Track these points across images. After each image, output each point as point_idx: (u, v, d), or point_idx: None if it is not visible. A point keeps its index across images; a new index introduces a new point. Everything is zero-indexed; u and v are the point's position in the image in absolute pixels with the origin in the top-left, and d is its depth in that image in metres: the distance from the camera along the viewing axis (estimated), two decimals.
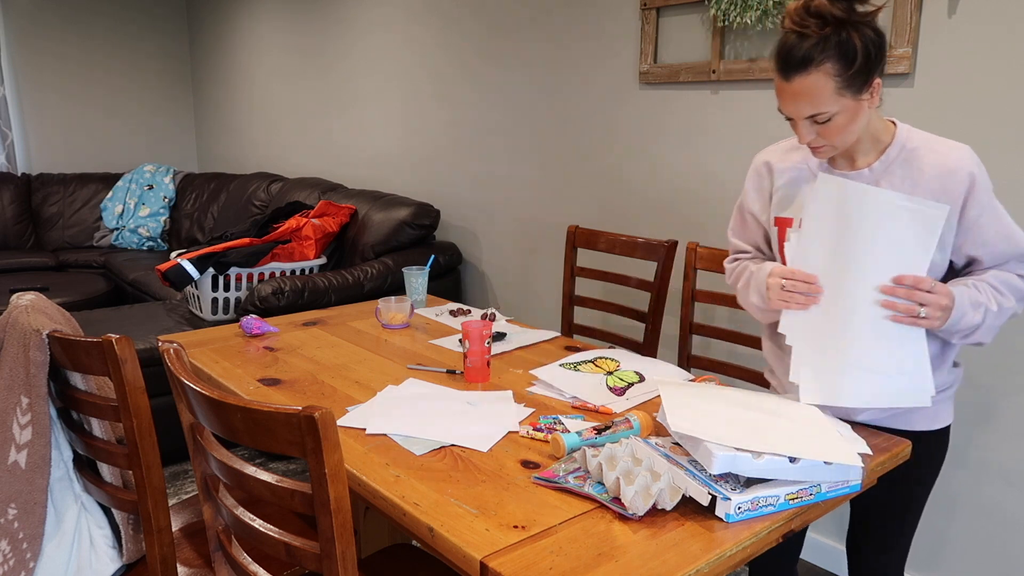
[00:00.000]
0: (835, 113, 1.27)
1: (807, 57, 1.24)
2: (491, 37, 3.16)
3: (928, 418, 1.44)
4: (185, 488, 2.79)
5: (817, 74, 1.24)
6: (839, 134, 1.30)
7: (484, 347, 1.68)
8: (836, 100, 1.26)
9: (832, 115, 1.27)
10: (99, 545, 1.49)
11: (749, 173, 1.55)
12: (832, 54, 1.23)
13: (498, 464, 1.29)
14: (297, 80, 4.45)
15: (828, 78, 1.24)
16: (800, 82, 1.25)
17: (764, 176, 1.51)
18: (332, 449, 0.98)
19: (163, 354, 1.23)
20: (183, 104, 5.66)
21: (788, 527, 1.16)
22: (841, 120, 1.28)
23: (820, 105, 1.26)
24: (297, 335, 2.02)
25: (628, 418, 1.37)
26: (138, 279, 4.08)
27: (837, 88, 1.25)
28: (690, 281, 2.17)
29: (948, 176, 1.31)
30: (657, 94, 2.58)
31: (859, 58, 1.24)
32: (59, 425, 1.49)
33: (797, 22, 1.25)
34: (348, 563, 1.03)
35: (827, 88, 1.25)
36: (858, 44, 1.24)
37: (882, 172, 1.36)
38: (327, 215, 3.40)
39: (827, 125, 1.29)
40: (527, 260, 3.18)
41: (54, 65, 5.14)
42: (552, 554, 1.03)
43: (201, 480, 1.25)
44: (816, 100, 1.26)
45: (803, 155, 1.47)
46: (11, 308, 1.48)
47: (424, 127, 3.59)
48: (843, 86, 1.25)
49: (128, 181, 5.06)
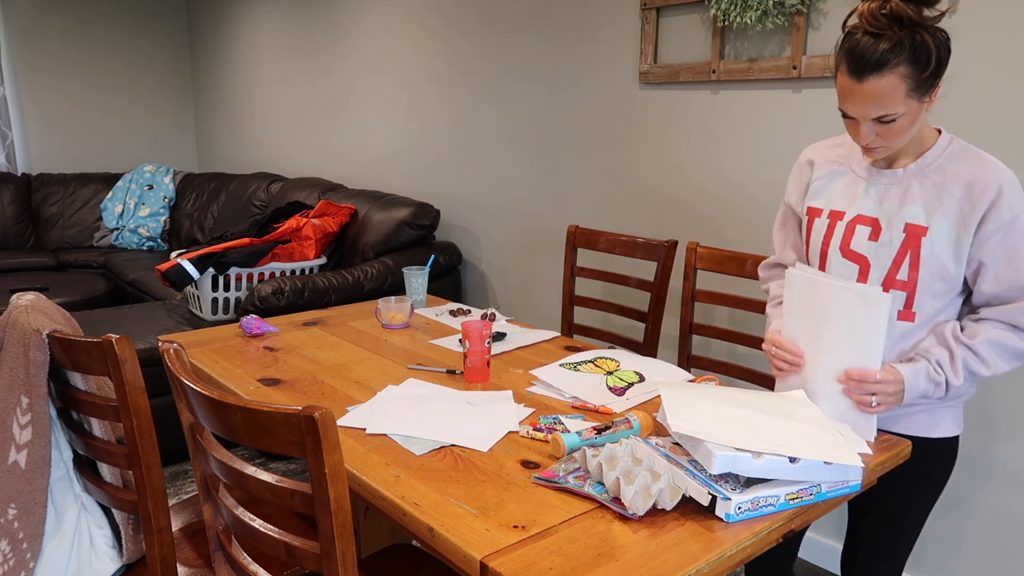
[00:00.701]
0: (901, 115, 1.28)
1: (883, 58, 1.24)
2: (491, 37, 3.16)
3: (926, 424, 1.44)
4: (185, 488, 2.79)
5: (891, 76, 1.24)
6: (899, 136, 1.31)
7: (484, 347, 1.68)
8: (905, 102, 1.26)
9: (898, 116, 1.28)
10: (99, 545, 1.49)
11: (793, 169, 1.59)
12: (907, 57, 1.23)
13: (498, 464, 1.29)
14: (297, 80, 4.45)
15: (901, 80, 1.24)
16: (874, 84, 1.25)
17: (805, 170, 1.55)
18: (332, 449, 0.98)
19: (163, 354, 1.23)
20: (183, 104, 5.66)
21: (788, 527, 1.16)
22: (904, 122, 1.29)
23: (890, 107, 1.26)
24: (297, 335, 2.02)
25: (628, 418, 1.37)
26: (138, 279, 4.08)
27: (908, 90, 1.25)
28: (690, 281, 2.17)
29: (975, 186, 1.31)
30: (657, 94, 2.57)
31: (932, 61, 1.24)
32: (59, 425, 1.49)
33: (872, 23, 1.25)
34: (348, 563, 1.03)
35: (899, 90, 1.25)
36: (932, 47, 1.24)
37: (915, 173, 1.37)
38: (327, 215, 3.40)
39: (890, 127, 1.29)
40: (527, 260, 3.18)
41: (54, 65, 5.14)
42: (552, 554, 1.03)
43: (201, 480, 1.25)
44: (887, 102, 1.26)
45: (846, 151, 1.49)
46: (11, 308, 1.48)
47: (424, 127, 3.59)
48: (913, 88, 1.25)
49: (128, 181, 5.06)
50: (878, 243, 1.38)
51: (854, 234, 1.41)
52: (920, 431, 1.44)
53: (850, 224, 1.42)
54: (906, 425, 1.44)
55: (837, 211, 1.44)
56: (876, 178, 1.41)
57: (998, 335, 1.33)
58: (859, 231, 1.40)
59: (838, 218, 1.44)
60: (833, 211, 1.45)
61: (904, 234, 1.35)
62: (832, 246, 1.43)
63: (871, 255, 1.39)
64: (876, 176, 1.41)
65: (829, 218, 1.45)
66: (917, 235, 1.34)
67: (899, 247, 1.36)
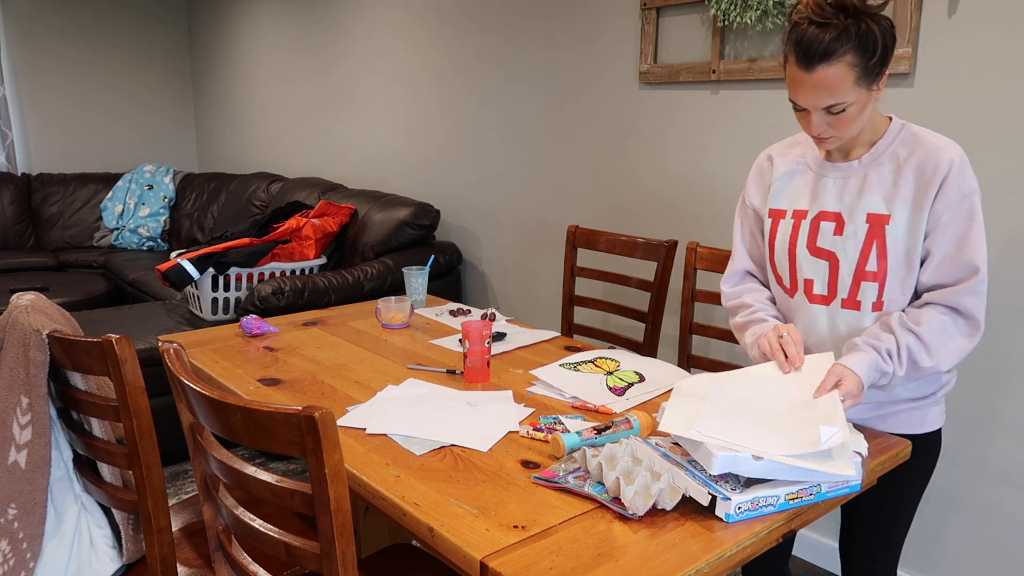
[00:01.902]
0: (850, 104, 1.29)
1: (830, 48, 1.25)
2: (491, 38, 3.16)
3: (914, 422, 1.45)
4: (185, 488, 2.79)
5: (839, 65, 1.25)
6: (849, 125, 1.32)
7: (484, 347, 1.68)
8: (854, 91, 1.27)
9: (847, 106, 1.29)
10: (99, 545, 1.49)
11: (752, 169, 1.58)
12: (853, 45, 1.25)
13: (498, 464, 1.29)
14: (297, 80, 4.45)
15: (849, 68, 1.26)
16: (823, 73, 1.26)
17: (766, 170, 1.55)
18: (332, 449, 0.98)
19: (163, 354, 1.23)
20: (183, 104, 5.66)
21: (788, 527, 1.16)
22: (854, 111, 1.30)
23: (839, 95, 1.27)
24: (297, 335, 2.02)
25: (628, 418, 1.37)
26: (138, 279, 4.08)
27: (856, 79, 1.26)
28: (690, 281, 2.17)
29: (926, 167, 1.32)
30: (657, 94, 2.57)
31: (879, 49, 1.26)
32: (59, 425, 1.49)
33: (819, 13, 1.26)
34: (348, 563, 1.03)
35: (848, 79, 1.26)
36: (877, 34, 1.25)
37: (869, 163, 1.38)
38: (327, 215, 3.40)
39: (840, 116, 1.30)
40: (527, 260, 3.18)
41: (54, 65, 5.14)
42: (552, 554, 1.03)
43: (201, 480, 1.25)
44: (836, 91, 1.27)
45: (802, 149, 1.49)
46: (11, 308, 1.48)
47: (424, 127, 3.59)
48: (861, 76, 1.27)
49: (128, 181, 5.06)
50: (843, 237, 1.39)
51: (819, 231, 1.41)
52: (908, 428, 1.45)
53: (814, 221, 1.42)
54: (894, 424, 1.45)
55: (800, 210, 1.45)
56: (833, 172, 1.42)
57: (941, 322, 1.32)
58: (823, 227, 1.41)
59: (801, 217, 1.44)
60: (796, 210, 1.46)
61: (867, 224, 1.36)
62: (799, 245, 1.44)
63: (838, 250, 1.39)
64: (832, 170, 1.42)
65: (793, 218, 1.46)
66: (880, 224, 1.35)
67: (864, 238, 1.36)
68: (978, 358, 1.96)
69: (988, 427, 1.97)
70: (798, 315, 1.49)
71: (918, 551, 2.15)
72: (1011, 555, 1.98)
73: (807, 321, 1.47)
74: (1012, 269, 1.88)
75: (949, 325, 1.33)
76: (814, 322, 1.46)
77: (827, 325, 1.44)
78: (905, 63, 1.96)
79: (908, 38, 1.95)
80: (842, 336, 1.43)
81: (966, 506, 2.04)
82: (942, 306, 1.34)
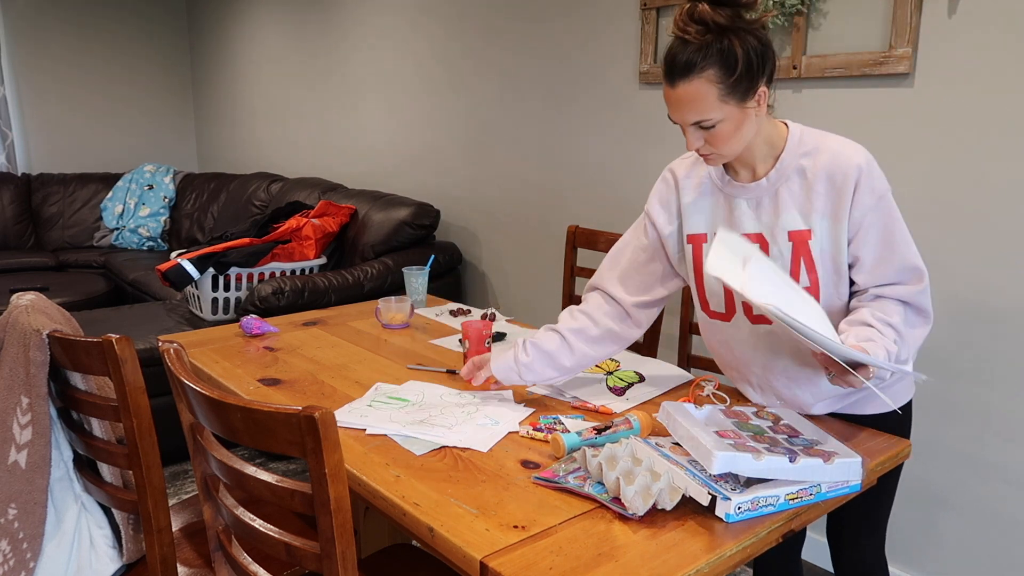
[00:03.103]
0: (719, 120, 1.27)
1: (689, 63, 1.24)
2: (491, 38, 3.16)
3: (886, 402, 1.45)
4: (185, 488, 2.79)
5: (699, 81, 1.24)
6: (725, 142, 1.30)
7: (484, 347, 1.68)
8: (720, 107, 1.26)
9: (716, 122, 1.27)
10: (99, 545, 1.49)
11: (656, 186, 1.54)
12: (714, 61, 1.23)
13: (498, 464, 1.29)
14: (297, 80, 4.45)
15: (711, 85, 1.24)
16: (684, 88, 1.26)
17: (670, 186, 1.50)
18: (332, 449, 0.98)
19: (163, 354, 1.23)
20: (183, 104, 5.66)
21: (788, 527, 1.16)
22: (727, 128, 1.28)
23: (704, 112, 1.26)
24: (297, 335, 2.02)
25: (628, 418, 1.37)
26: (138, 279, 4.08)
27: (720, 95, 1.25)
28: None
29: (835, 175, 1.31)
30: (657, 94, 2.57)
31: (740, 66, 1.24)
32: (59, 425, 1.49)
33: (681, 27, 1.25)
34: (348, 563, 1.03)
35: (710, 95, 1.25)
36: (739, 52, 1.23)
37: (778, 180, 1.36)
38: (327, 215, 3.40)
39: (713, 132, 1.29)
40: (527, 260, 3.18)
41: (54, 65, 5.14)
42: (552, 554, 1.03)
43: (201, 480, 1.25)
44: (699, 107, 1.26)
45: (706, 169, 1.46)
46: (11, 308, 1.48)
47: (424, 127, 3.59)
48: (726, 93, 1.25)
49: (128, 181, 5.06)
50: (770, 256, 1.36)
51: None
52: (883, 407, 1.46)
53: None
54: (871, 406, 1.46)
55: None
56: (743, 193, 1.39)
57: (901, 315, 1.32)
58: None
59: None
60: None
61: (791, 242, 1.35)
62: None
63: None
64: (743, 191, 1.39)
65: None
66: (803, 239, 1.34)
67: (791, 256, 1.35)
68: (974, 356, 1.96)
69: (983, 425, 1.97)
70: (737, 339, 1.46)
71: (913, 549, 2.15)
72: (1006, 553, 1.98)
73: (750, 342, 1.45)
74: (1011, 269, 1.88)
75: (910, 316, 1.34)
76: (759, 342, 1.44)
77: (771, 344, 1.42)
78: (905, 63, 1.96)
79: (908, 38, 1.95)
80: (789, 353, 1.41)
81: (961, 504, 2.04)
82: (895, 300, 1.34)
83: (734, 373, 1.55)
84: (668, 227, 1.50)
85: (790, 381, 1.45)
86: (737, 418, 1.31)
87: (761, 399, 1.52)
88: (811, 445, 1.23)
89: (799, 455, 1.17)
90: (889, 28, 1.99)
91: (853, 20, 2.07)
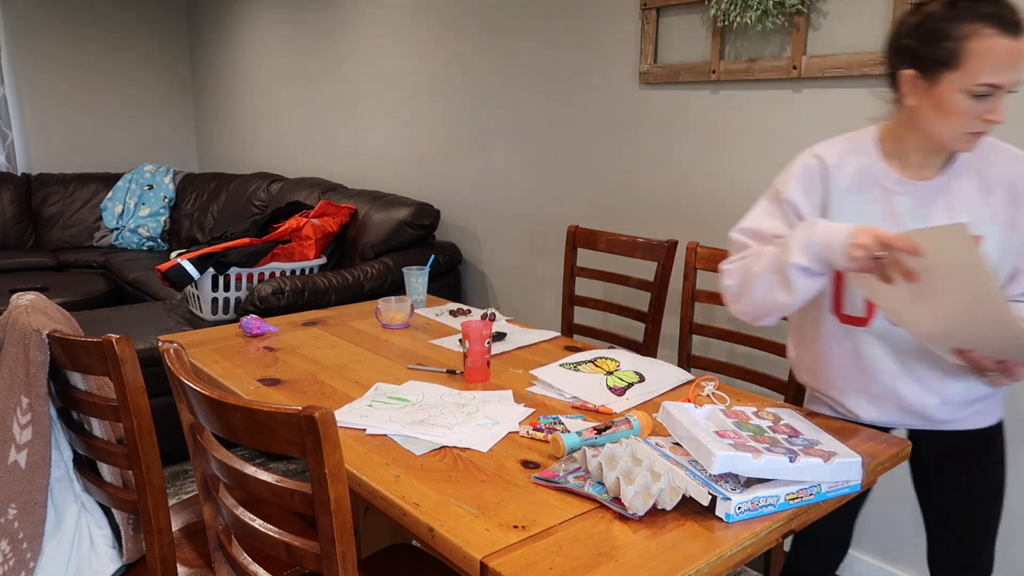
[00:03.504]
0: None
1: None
2: (491, 38, 3.16)
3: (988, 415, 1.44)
4: (185, 488, 2.79)
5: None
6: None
7: (484, 347, 1.68)
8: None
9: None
10: (99, 545, 1.49)
11: (796, 167, 1.39)
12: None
13: (498, 464, 1.29)
14: (298, 80, 4.45)
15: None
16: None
17: (815, 174, 1.36)
18: (332, 449, 0.98)
19: (163, 354, 1.23)
20: (183, 104, 5.66)
21: (788, 527, 1.16)
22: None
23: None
24: (297, 335, 2.02)
25: (628, 418, 1.37)
26: (138, 279, 4.08)
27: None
28: (690, 281, 2.17)
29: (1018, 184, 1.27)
30: (657, 94, 2.57)
31: None
32: (59, 425, 1.49)
33: None
34: (348, 563, 1.03)
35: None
36: None
37: (953, 179, 1.29)
38: (327, 215, 3.40)
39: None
40: (527, 260, 3.18)
41: (54, 65, 5.14)
42: (552, 554, 1.03)
43: (201, 480, 1.25)
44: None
45: (863, 160, 1.34)
46: (11, 308, 1.48)
47: (424, 127, 3.59)
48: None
49: (128, 181, 5.06)
50: None
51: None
52: (984, 422, 1.44)
53: None
54: (975, 421, 1.44)
55: None
56: (912, 190, 1.30)
57: None
58: None
59: None
60: None
61: None
62: None
63: None
64: (911, 188, 1.30)
65: None
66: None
67: None
68: None
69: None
70: (868, 343, 1.38)
71: (916, 550, 2.15)
72: (1008, 552, 1.97)
73: (884, 347, 1.37)
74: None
75: None
76: (899, 348, 1.36)
77: (907, 349, 1.35)
78: None
79: None
80: (922, 357, 1.35)
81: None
82: None
83: (846, 385, 1.44)
84: (813, 216, 1.36)
85: (921, 387, 1.39)
86: (737, 418, 1.31)
87: (876, 413, 1.44)
88: (811, 445, 1.23)
89: (799, 455, 1.17)
90: (889, 28, 1.99)
91: (853, 20, 2.07)
